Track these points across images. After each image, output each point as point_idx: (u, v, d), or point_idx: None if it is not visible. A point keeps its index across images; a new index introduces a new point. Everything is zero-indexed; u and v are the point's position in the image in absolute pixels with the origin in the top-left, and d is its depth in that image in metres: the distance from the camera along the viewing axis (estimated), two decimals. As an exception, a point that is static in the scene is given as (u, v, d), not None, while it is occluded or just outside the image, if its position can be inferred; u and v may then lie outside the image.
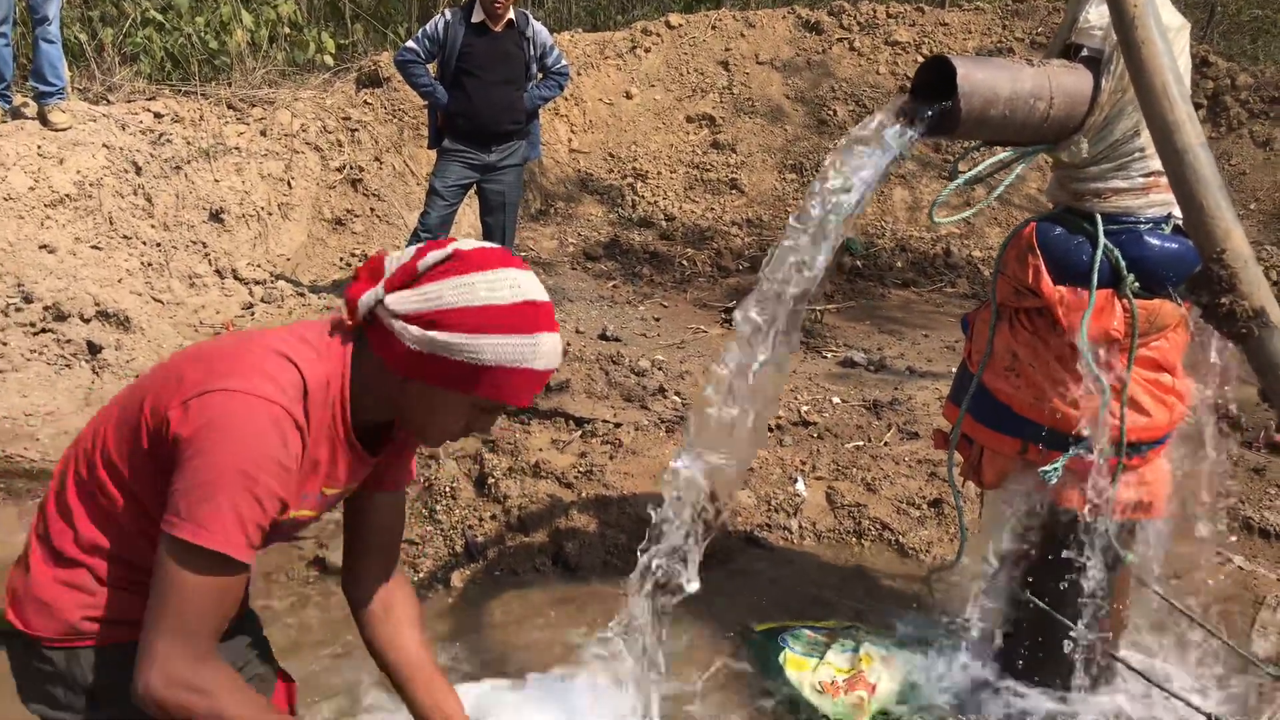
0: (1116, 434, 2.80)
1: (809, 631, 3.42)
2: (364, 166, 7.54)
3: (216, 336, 1.53)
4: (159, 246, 6.06)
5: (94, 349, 5.03)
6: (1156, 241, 2.70)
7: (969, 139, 2.76)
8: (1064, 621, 2.98)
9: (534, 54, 5.92)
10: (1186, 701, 2.78)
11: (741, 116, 9.25)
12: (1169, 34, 2.19)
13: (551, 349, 1.57)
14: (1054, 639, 3.07)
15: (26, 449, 4.36)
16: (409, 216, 7.31)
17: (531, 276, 1.59)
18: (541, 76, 6.05)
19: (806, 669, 3.24)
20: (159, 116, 6.83)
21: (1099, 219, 2.72)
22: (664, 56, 9.48)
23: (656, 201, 8.61)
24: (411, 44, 5.76)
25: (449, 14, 5.78)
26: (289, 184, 7.17)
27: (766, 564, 4.01)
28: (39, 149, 5.83)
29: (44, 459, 4.35)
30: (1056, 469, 2.85)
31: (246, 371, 1.48)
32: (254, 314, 6.05)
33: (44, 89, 5.95)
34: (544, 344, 1.55)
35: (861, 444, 4.64)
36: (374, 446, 1.70)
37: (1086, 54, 2.61)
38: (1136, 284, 2.71)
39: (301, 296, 6.33)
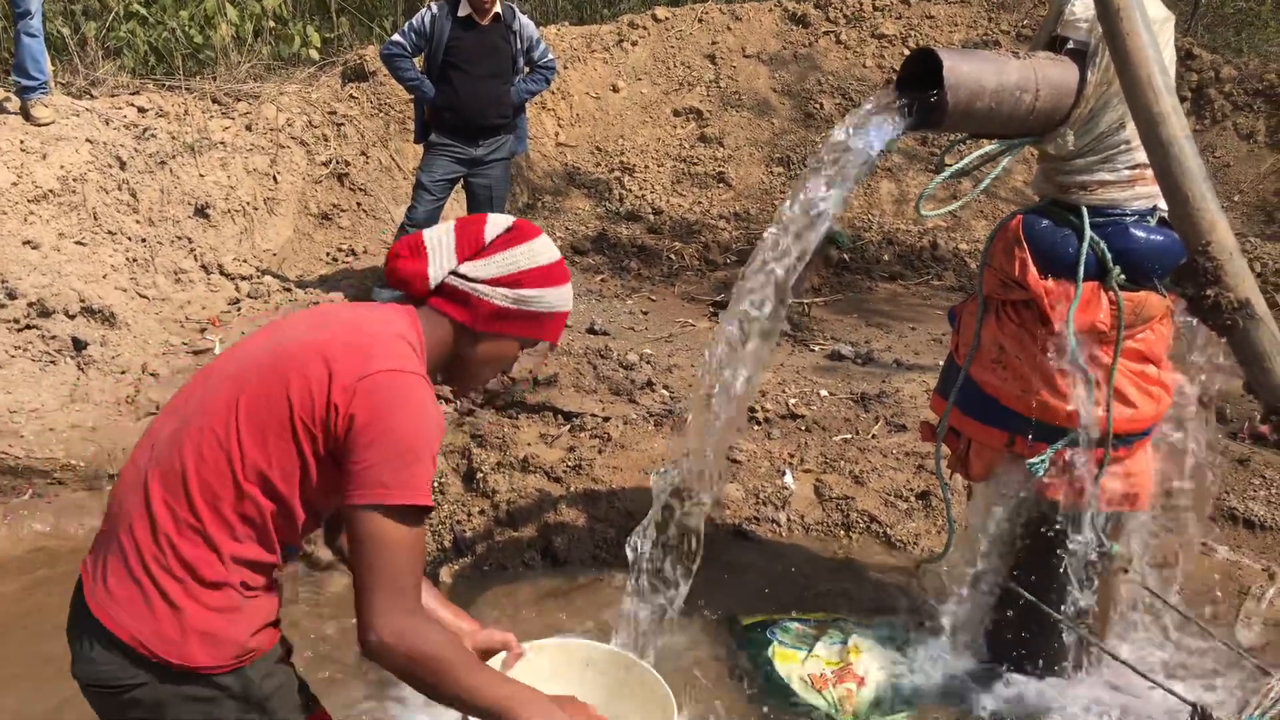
0: (1102, 426, 2.82)
1: (797, 624, 3.43)
2: (350, 161, 7.51)
3: (316, 324, 1.76)
4: (144, 242, 6.02)
5: (79, 345, 5.00)
6: (1142, 234, 2.71)
7: (955, 131, 2.76)
8: (1050, 612, 2.99)
9: (521, 47, 5.90)
10: (1171, 691, 2.79)
11: (728, 110, 9.24)
12: (1154, 26, 2.20)
13: (571, 295, 1.92)
14: (1040, 629, 3.08)
15: (11, 446, 4.33)
16: (396, 211, 7.28)
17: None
18: (528, 70, 6.03)
19: (795, 661, 3.24)
20: (143, 111, 6.78)
21: (1085, 211, 2.73)
22: (651, 50, 9.46)
23: (644, 195, 8.60)
24: (398, 37, 5.73)
25: (435, 7, 5.75)
26: (275, 179, 7.13)
27: (754, 556, 4.02)
28: (21, 144, 5.78)
29: (28, 456, 4.32)
30: (1043, 461, 2.86)
31: (391, 354, 1.67)
32: (240, 309, 6.01)
33: (26, 83, 5.90)
34: (570, 291, 1.91)
35: (849, 437, 4.64)
36: None
37: (1072, 46, 2.62)
38: (1122, 276, 2.72)
39: (288, 291, 6.30)
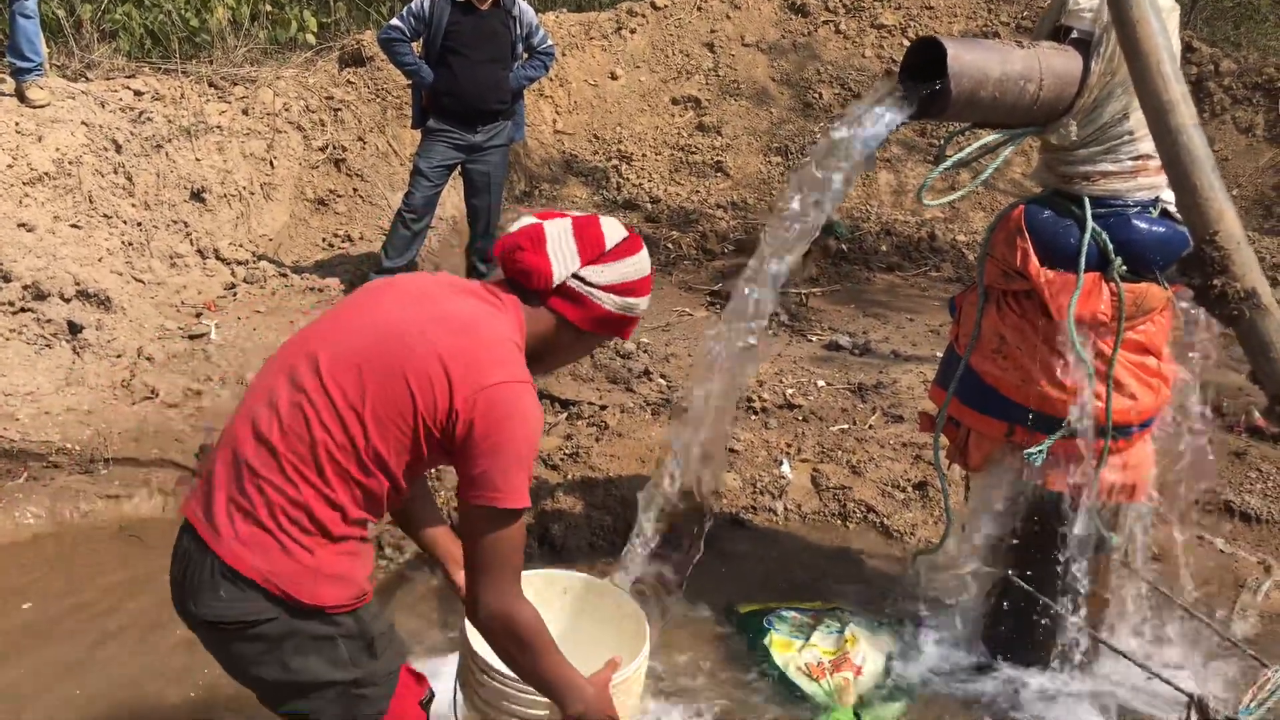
0: (1102, 417, 2.81)
1: (794, 613, 3.42)
2: (347, 146, 7.47)
3: (431, 319, 1.88)
4: (140, 226, 5.99)
5: (74, 329, 4.97)
6: (1144, 225, 2.70)
7: (958, 121, 2.75)
8: (1048, 603, 2.99)
9: (520, 33, 5.86)
10: (1168, 682, 2.79)
11: (727, 99, 9.22)
12: (1162, 15, 2.19)
13: None
14: (1038, 620, 3.09)
15: (6, 429, 4.31)
16: (393, 197, 7.25)
17: None
18: (527, 56, 6.00)
19: (792, 651, 3.24)
20: (139, 94, 6.74)
21: (1087, 202, 2.72)
22: (649, 38, 9.43)
23: (641, 184, 8.58)
24: (396, 22, 5.69)
25: (434, -8, 5.71)
26: (271, 164, 7.10)
27: (751, 546, 4.02)
28: (17, 126, 5.74)
29: (24, 439, 4.30)
30: (1042, 451, 2.86)
31: (503, 363, 1.84)
32: (236, 294, 5.99)
33: (21, 65, 5.86)
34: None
35: (846, 427, 4.64)
36: None
37: (1076, 36, 2.61)
38: (1124, 267, 2.71)
39: (284, 277, 6.27)
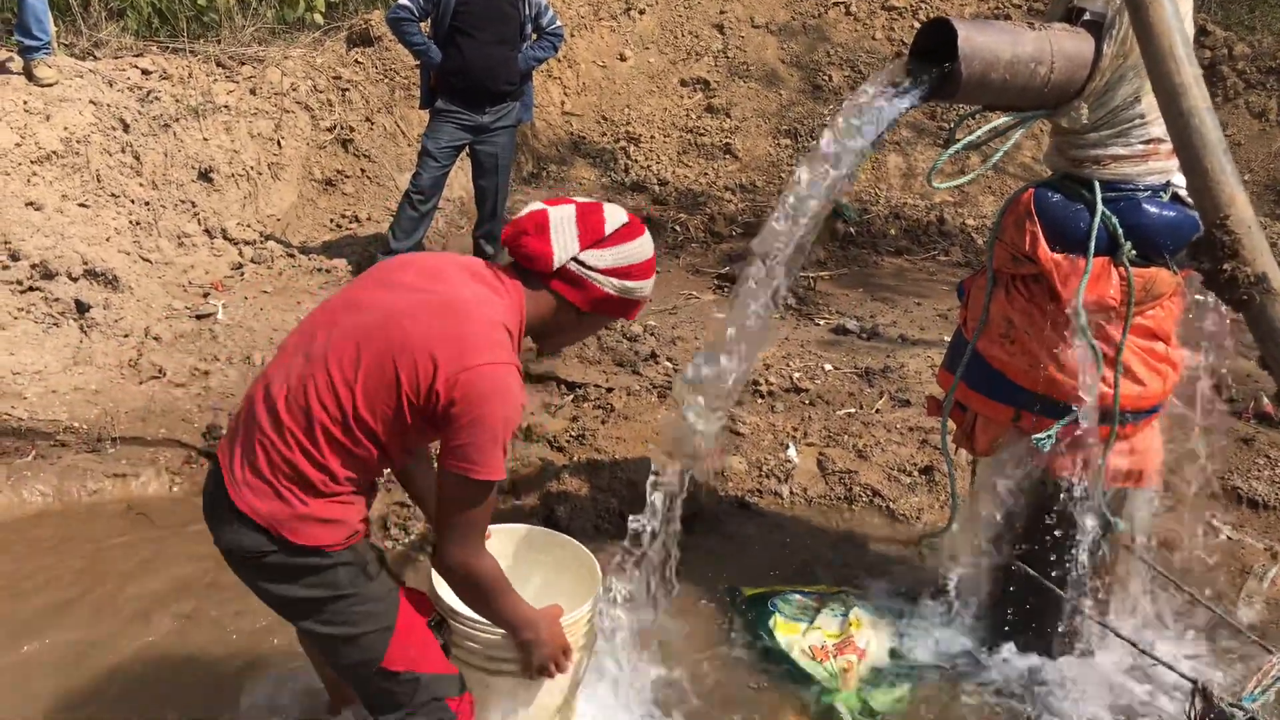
0: (1110, 402, 2.80)
1: (799, 596, 3.43)
2: (355, 127, 7.45)
3: (425, 304, 2.03)
4: (147, 205, 5.99)
5: (82, 308, 4.98)
6: (1154, 209, 2.68)
7: (969, 103, 2.73)
8: (1053, 588, 2.99)
9: (529, 14, 5.84)
10: (1172, 668, 2.79)
11: (736, 81, 9.17)
12: (1175, -3, 2.16)
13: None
14: (1043, 605, 3.09)
15: (14, 408, 4.33)
16: (400, 178, 7.23)
17: None
18: (536, 37, 5.97)
19: (796, 633, 3.25)
20: (147, 73, 6.72)
21: (1097, 186, 2.70)
22: (658, 18, 9.38)
23: (650, 166, 8.55)
24: (405, 1, 5.66)
25: (442, -29, 5.68)
26: (279, 143, 7.08)
27: (757, 529, 4.02)
28: (25, 104, 5.74)
29: (31, 418, 4.32)
30: (1050, 436, 2.85)
31: (487, 346, 1.96)
32: (243, 274, 6.00)
33: (29, 43, 5.85)
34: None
35: (853, 411, 4.64)
36: None
37: (1088, 18, 2.58)
38: (1133, 252, 2.70)
39: (291, 257, 6.27)
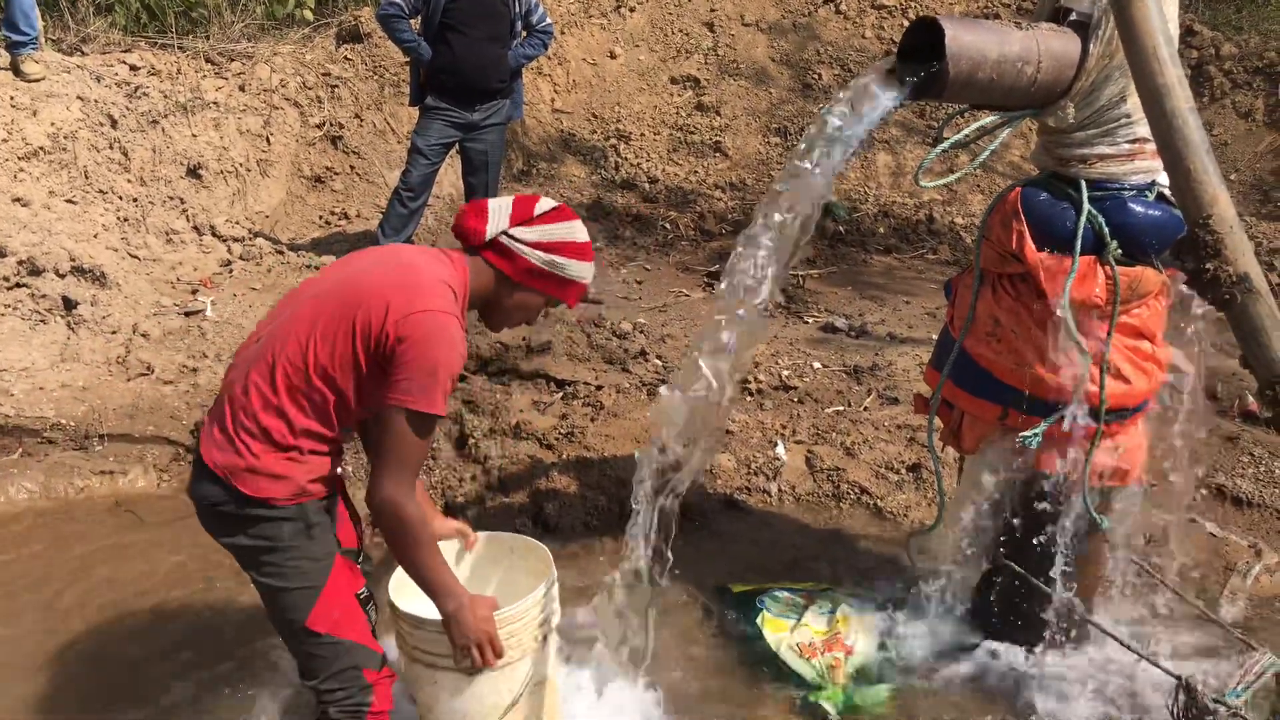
0: (1096, 400, 2.82)
1: (787, 593, 3.44)
2: (344, 123, 7.44)
3: (379, 262, 2.31)
4: (135, 202, 5.97)
5: (69, 304, 4.97)
6: (1140, 208, 2.70)
7: (955, 102, 2.74)
8: (1039, 585, 3.01)
9: (519, 11, 5.83)
10: (1157, 664, 2.81)
11: (726, 79, 9.17)
12: (1159, -2, 2.18)
13: (593, 271, 2.43)
14: (1029, 602, 3.10)
15: (0, 405, 4.32)
16: (390, 175, 7.22)
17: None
18: (525, 34, 5.97)
19: (784, 630, 3.26)
20: (135, 69, 6.70)
21: (1083, 185, 2.71)
22: (649, 16, 9.38)
23: (639, 163, 8.55)
24: (395, -2, 5.66)
25: (432, -32, 5.67)
26: (268, 140, 7.07)
27: (745, 526, 4.03)
28: (11, 99, 5.72)
29: (18, 415, 4.30)
30: (1036, 435, 2.86)
31: (434, 296, 2.16)
32: (232, 271, 5.98)
33: (16, 38, 5.82)
34: (592, 269, 2.42)
35: (841, 409, 4.65)
36: None
37: (1075, 18, 2.60)
38: (1119, 251, 2.71)
39: (280, 254, 6.26)
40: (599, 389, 4.63)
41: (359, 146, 7.44)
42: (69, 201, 5.63)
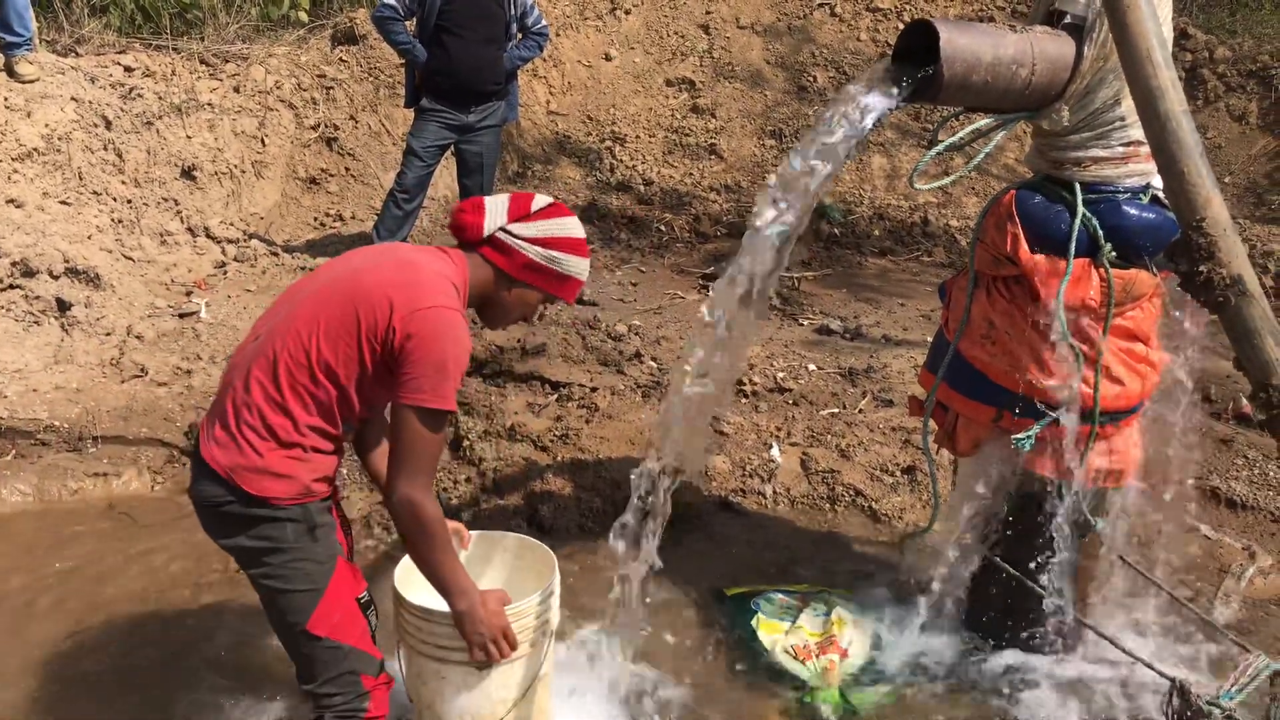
0: (1090, 402, 2.82)
1: (781, 595, 3.44)
2: (339, 125, 7.43)
3: (379, 260, 2.29)
4: (130, 203, 5.96)
5: (63, 306, 4.95)
6: (1134, 211, 2.70)
7: (950, 105, 2.74)
8: (1033, 586, 3.01)
9: (514, 13, 5.84)
10: (1151, 666, 2.82)
11: (721, 81, 9.18)
12: (1153, 1, 2.18)
13: (589, 268, 2.44)
14: (1023, 604, 3.11)
15: (-6, 406, 4.31)
16: (384, 177, 7.22)
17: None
18: (521, 37, 5.97)
19: (779, 632, 3.26)
20: (129, 70, 6.69)
21: (1078, 188, 2.72)
22: (644, 18, 9.38)
23: (635, 166, 8.55)
24: (391, 0, 5.66)
25: (427, -30, 5.67)
26: (263, 142, 7.06)
27: (740, 528, 4.03)
28: (5, 101, 5.70)
29: (11, 416, 4.29)
30: (1030, 437, 2.87)
31: (438, 293, 2.18)
32: (226, 273, 5.97)
33: (10, 39, 5.81)
34: (588, 265, 2.44)
35: (836, 411, 4.65)
36: None
37: (1069, 21, 2.60)
38: (1113, 253, 2.72)
39: (275, 256, 6.25)
40: (594, 391, 4.62)
41: (354, 148, 7.43)
42: (63, 203, 5.62)
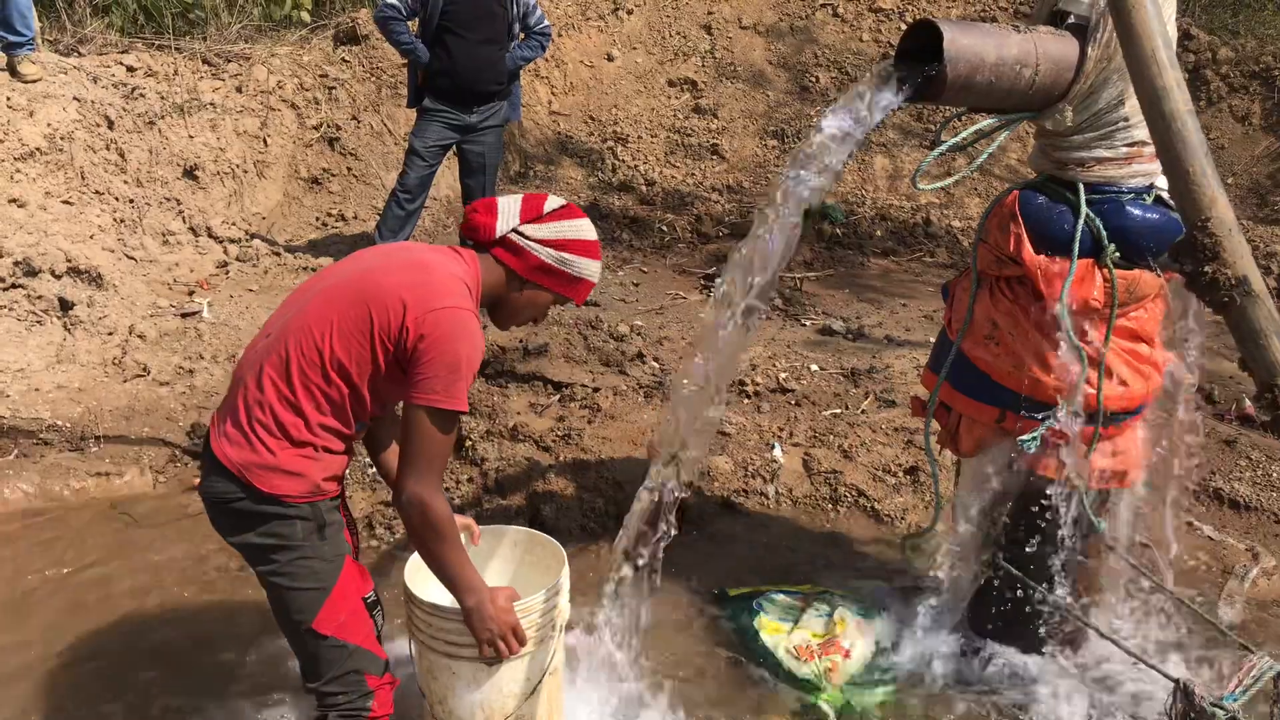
0: (1093, 403, 2.81)
1: (784, 596, 3.44)
2: (341, 125, 7.44)
3: (391, 260, 2.30)
4: (132, 203, 5.96)
5: (66, 305, 4.95)
6: (1138, 211, 2.69)
7: (953, 105, 2.74)
8: (1036, 588, 3.00)
9: (516, 13, 5.83)
10: (1154, 667, 2.81)
11: (723, 81, 9.18)
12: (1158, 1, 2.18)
13: (600, 271, 2.45)
14: (1026, 605, 3.10)
15: (-4, 406, 4.31)
16: (387, 177, 7.22)
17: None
18: (523, 37, 5.97)
19: (781, 633, 3.26)
20: (132, 70, 6.70)
21: (1081, 188, 2.71)
22: (646, 19, 9.38)
23: (637, 166, 8.54)
24: (393, 0, 5.66)
25: (430, -30, 5.67)
26: (265, 141, 7.06)
27: (743, 529, 4.03)
28: (8, 100, 5.71)
29: (14, 416, 4.29)
30: (1034, 438, 2.86)
31: (451, 293, 2.19)
32: (229, 273, 5.97)
33: (13, 39, 5.82)
34: (600, 267, 2.44)
35: (839, 411, 4.65)
36: None
37: (1073, 21, 2.59)
38: (1117, 254, 2.71)
39: (277, 256, 6.25)
40: (596, 391, 4.62)
41: (356, 148, 7.43)
42: (65, 202, 5.62)
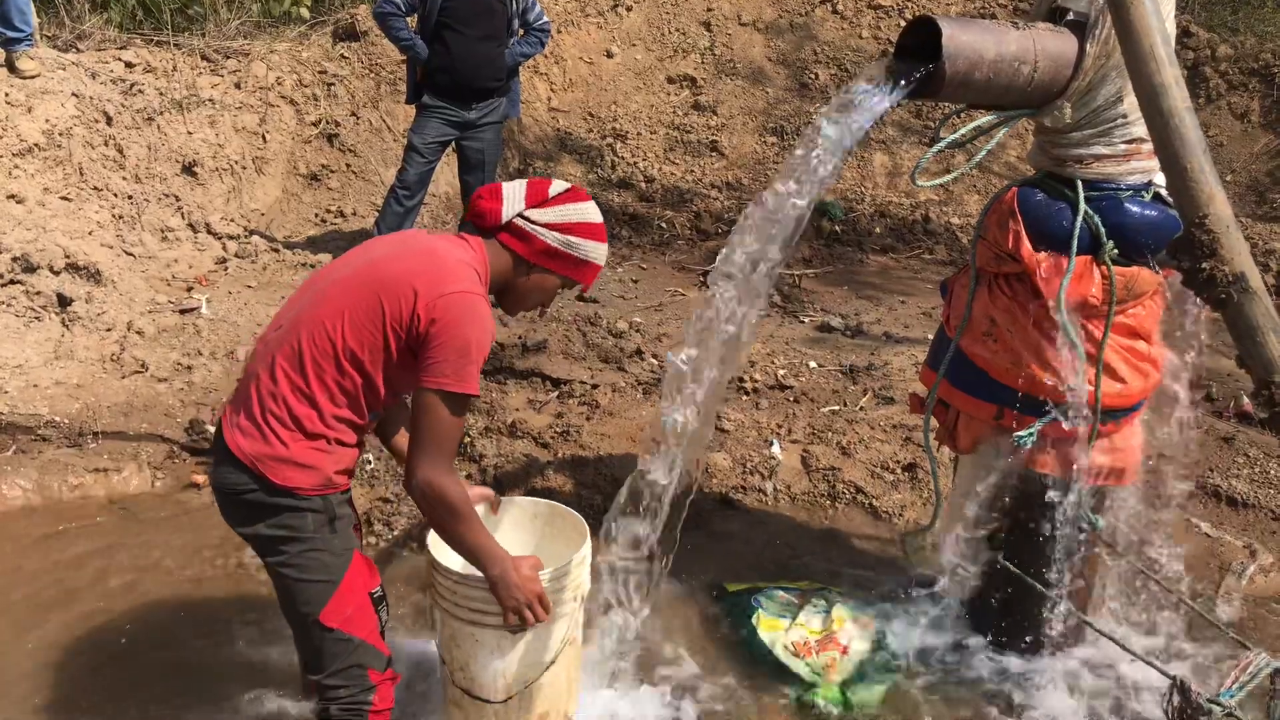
0: (1091, 400, 2.82)
1: (782, 592, 3.44)
2: (340, 121, 7.43)
3: (400, 249, 2.32)
4: (130, 199, 5.96)
5: (64, 301, 4.95)
6: (1136, 209, 2.70)
7: (952, 101, 2.74)
8: (1034, 584, 3.01)
9: (515, 9, 5.83)
10: (1152, 664, 2.81)
11: (723, 78, 9.17)
12: (1156, -2, 2.18)
13: (606, 253, 2.44)
14: (1024, 602, 3.10)
15: (-6, 402, 4.30)
16: (386, 173, 7.21)
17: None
18: (523, 33, 5.97)
19: (779, 630, 3.26)
20: (130, 66, 6.68)
21: (1080, 185, 2.72)
22: (645, 15, 9.37)
23: (636, 163, 8.54)
24: (391, -4, 5.65)
25: (428, -34, 5.66)
26: (264, 138, 7.05)
27: (740, 525, 4.03)
28: (6, 96, 5.70)
29: (12, 412, 4.29)
30: (1031, 434, 2.86)
31: (461, 278, 2.21)
32: (227, 269, 5.97)
33: (11, 35, 5.80)
34: (606, 250, 2.44)
35: (837, 408, 4.65)
36: None
37: (1072, 18, 2.60)
38: (1115, 251, 2.71)
39: (276, 252, 6.25)
40: (595, 388, 4.62)
41: (355, 144, 7.42)
42: (64, 198, 5.61)
